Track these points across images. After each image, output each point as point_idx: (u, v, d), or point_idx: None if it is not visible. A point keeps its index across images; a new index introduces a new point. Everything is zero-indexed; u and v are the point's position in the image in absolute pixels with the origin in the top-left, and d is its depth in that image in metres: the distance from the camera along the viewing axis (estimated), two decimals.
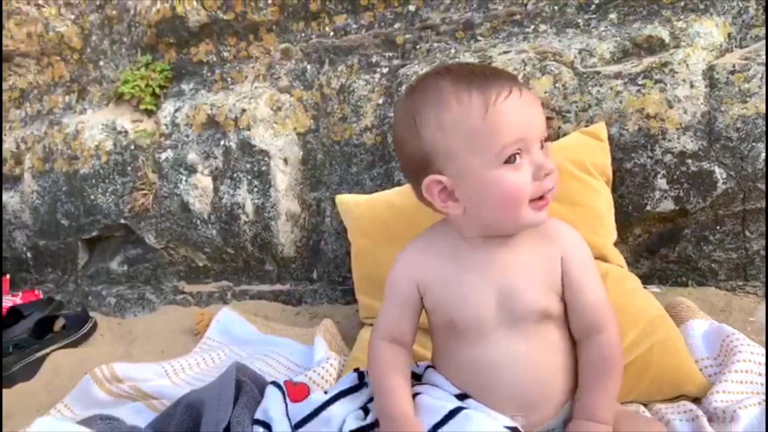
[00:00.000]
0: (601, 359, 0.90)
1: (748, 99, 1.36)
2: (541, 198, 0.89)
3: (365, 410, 0.97)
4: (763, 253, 1.41)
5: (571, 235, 0.97)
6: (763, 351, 1.11)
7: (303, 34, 1.80)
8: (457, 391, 0.93)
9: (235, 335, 1.59)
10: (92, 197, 1.93)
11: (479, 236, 0.94)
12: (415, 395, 0.94)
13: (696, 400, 1.08)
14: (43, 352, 1.63)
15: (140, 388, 1.35)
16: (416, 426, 0.87)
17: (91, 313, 1.86)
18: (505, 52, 1.57)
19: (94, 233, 1.97)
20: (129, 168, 1.90)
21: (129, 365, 1.42)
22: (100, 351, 1.67)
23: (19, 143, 2.11)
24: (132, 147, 1.90)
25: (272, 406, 1.01)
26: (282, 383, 1.07)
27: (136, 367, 1.42)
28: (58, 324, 1.79)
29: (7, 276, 2.08)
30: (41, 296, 1.93)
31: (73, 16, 2.06)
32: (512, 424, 0.85)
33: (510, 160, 0.86)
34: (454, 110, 0.87)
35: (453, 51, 1.65)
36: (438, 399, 0.92)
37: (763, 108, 1.35)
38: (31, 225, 2.07)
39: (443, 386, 0.95)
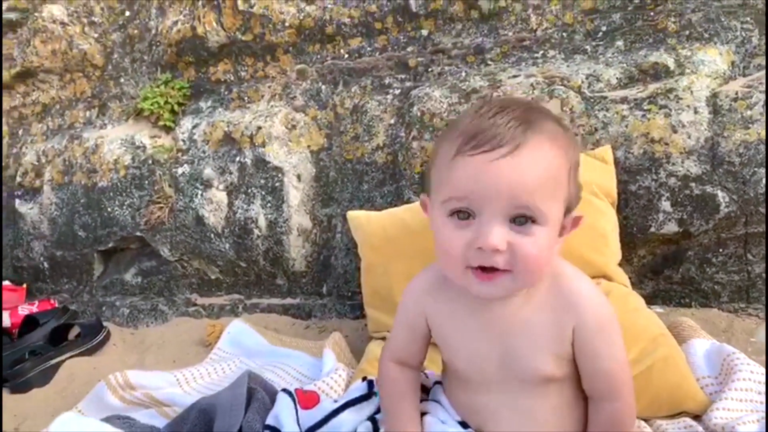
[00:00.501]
0: (611, 426, 0.87)
1: (750, 125, 1.40)
2: (485, 269, 0.80)
3: (373, 421, 1.00)
4: (765, 276, 1.44)
5: (587, 301, 0.86)
6: (763, 371, 1.13)
7: (318, 56, 1.86)
8: (460, 419, 0.94)
9: (246, 347, 1.62)
10: (109, 210, 1.98)
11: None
12: (422, 414, 0.96)
13: (696, 417, 1.11)
14: (59, 359, 1.67)
15: (153, 395, 1.38)
16: None
17: (105, 323, 1.89)
18: (515, 76, 1.61)
19: (110, 245, 2.02)
20: (146, 182, 1.95)
21: (142, 373, 1.45)
22: (114, 359, 1.70)
23: (40, 156, 2.17)
24: (150, 162, 1.96)
25: (283, 412, 1.04)
26: (293, 390, 1.10)
27: (149, 375, 1.45)
28: (73, 332, 1.83)
29: (24, 285, 2.12)
30: (56, 305, 1.97)
31: (96, 35, 2.13)
32: None
33: (458, 216, 0.80)
34: (443, 143, 0.84)
35: (464, 74, 1.70)
36: (443, 423, 0.93)
37: (764, 134, 1.38)
38: (49, 236, 2.12)
39: (448, 410, 0.96)
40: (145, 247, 2.01)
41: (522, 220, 0.78)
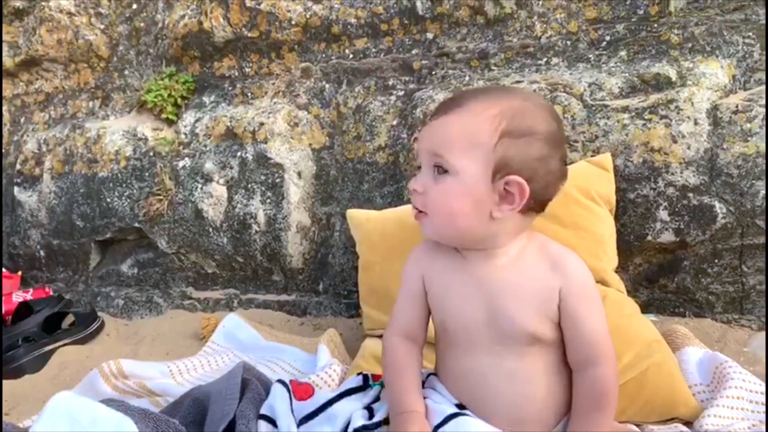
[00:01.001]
0: (595, 393, 0.90)
1: (749, 138, 1.41)
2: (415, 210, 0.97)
3: (369, 410, 1.00)
4: (759, 288, 1.45)
5: (573, 266, 0.95)
6: (755, 379, 1.14)
7: (323, 55, 1.87)
8: (456, 401, 0.96)
9: (240, 341, 1.62)
10: (108, 200, 1.99)
11: None
12: None
13: (688, 423, 1.12)
14: (52, 346, 1.67)
15: (145, 385, 1.38)
16: (426, 426, 0.89)
17: (99, 314, 1.89)
18: (518, 82, 1.63)
19: (108, 235, 2.02)
20: (147, 174, 1.95)
21: (136, 362, 1.45)
22: (107, 349, 1.70)
23: (41, 144, 2.18)
24: (151, 154, 1.96)
25: (278, 402, 1.04)
26: (288, 381, 1.10)
27: (143, 364, 1.45)
28: (67, 321, 1.83)
29: (19, 273, 2.12)
30: (51, 294, 1.96)
31: (102, 26, 2.14)
32: None
33: (418, 169, 0.98)
34: None
35: (467, 78, 1.72)
36: (439, 404, 0.95)
37: (763, 148, 1.40)
38: (47, 224, 2.12)
39: (443, 394, 0.98)
40: (143, 239, 2.01)
41: (440, 170, 0.92)
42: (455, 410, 0.92)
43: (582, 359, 0.92)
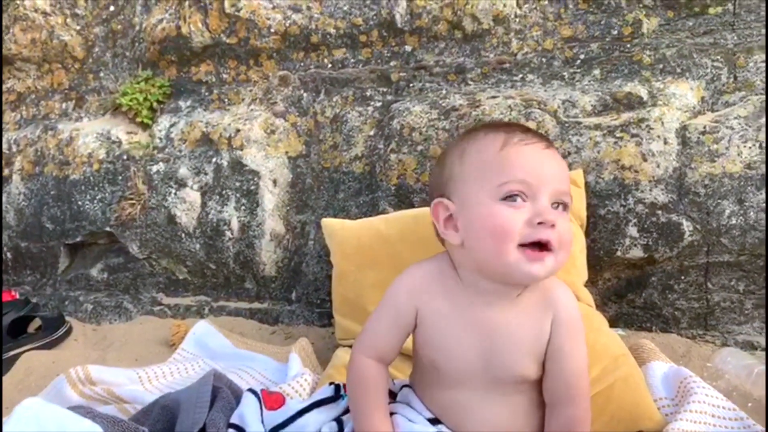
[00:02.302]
0: None
1: (716, 159, 1.45)
2: (535, 247, 0.85)
3: (339, 422, 1.00)
4: (723, 304, 1.49)
5: (566, 300, 0.94)
6: (717, 394, 1.17)
7: (302, 64, 1.87)
8: (430, 416, 0.96)
9: (210, 348, 1.61)
10: (80, 203, 1.96)
11: (475, 277, 0.92)
12: (390, 414, 0.97)
13: None
14: (17, 351, 1.64)
15: (113, 391, 1.36)
16: None
17: (67, 318, 1.86)
18: (494, 97, 1.65)
19: (78, 239, 1.99)
20: (120, 177, 1.93)
21: (104, 368, 1.43)
22: (74, 354, 1.67)
23: (11, 145, 2.14)
24: (124, 157, 1.94)
25: (248, 411, 1.04)
26: (258, 391, 1.10)
27: (111, 370, 1.43)
28: (33, 325, 1.80)
29: None
30: (17, 297, 1.93)
31: (78, 27, 2.11)
32: None
33: (510, 198, 0.86)
34: (478, 142, 0.91)
35: (444, 92, 1.74)
36: (412, 422, 0.95)
37: (730, 168, 1.44)
38: (15, 226, 2.08)
39: (417, 408, 0.98)
40: (114, 243, 1.99)
41: (556, 205, 0.88)
42: (430, 429, 0.93)
43: (557, 397, 0.92)
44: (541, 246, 0.85)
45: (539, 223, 0.84)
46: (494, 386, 0.92)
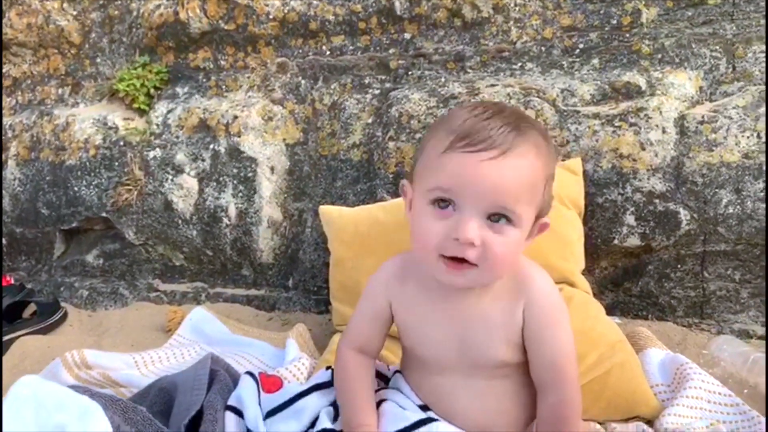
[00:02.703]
0: (558, 419, 0.90)
1: (714, 148, 1.46)
2: (455, 259, 0.84)
3: (336, 407, 1.00)
4: (719, 293, 1.50)
5: (538, 286, 0.92)
6: (714, 380, 1.18)
7: (300, 51, 1.87)
8: (421, 403, 0.96)
9: (207, 334, 1.61)
10: (75, 189, 1.95)
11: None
12: (381, 401, 0.98)
13: (649, 422, 1.15)
14: (12, 335, 1.63)
15: (109, 375, 1.36)
16: None
17: (62, 304, 1.85)
18: (492, 85, 1.65)
19: (74, 224, 1.98)
20: (116, 163, 1.92)
21: (99, 353, 1.43)
22: (69, 340, 1.67)
23: (6, 130, 2.12)
24: (121, 143, 1.93)
25: (246, 394, 1.04)
26: (256, 374, 1.10)
27: (107, 355, 1.43)
28: (28, 311, 1.79)
29: None
30: (12, 282, 1.92)
31: (75, 12, 2.10)
32: None
33: (440, 204, 0.85)
34: (435, 136, 0.88)
35: (443, 80, 1.73)
36: (402, 408, 0.95)
37: (728, 158, 1.45)
38: (9, 212, 2.07)
39: (408, 395, 0.98)
40: (110, 230, 1.98)
41: (497, 218, 0.84)
42: (421, 414, 0.93)
43: (544, 382, 0.91)
44: (462, 260, 0.84)
45: (456, 239, 0.82)
46: (475, 371, 0.93)
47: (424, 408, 0.95)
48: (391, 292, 0.98)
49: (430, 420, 0.91)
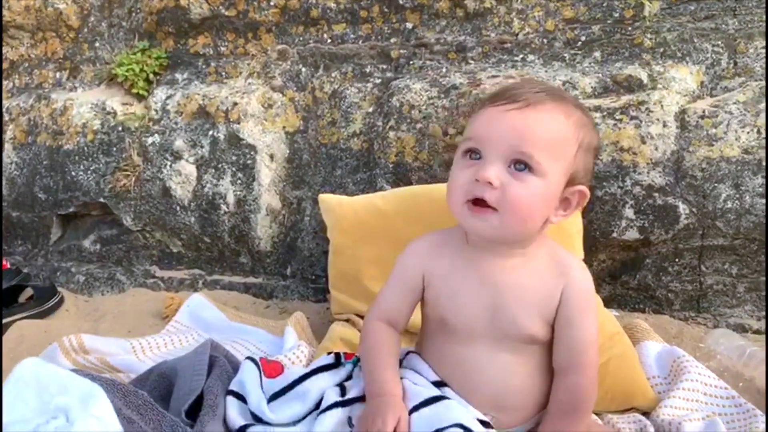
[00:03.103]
0: (572, 399, 0.93)
1: (714, 143, 1.46)
2: (475, 202, 0.90)
3: (342, 388, 1.00)
4: (716, 287, 1.51)
5: (578, 273, 0.96)
6: (710, 373, 1.19)
7: (301, 38, 1.86)
8: (436, 378, 0.97)
9: (204, 321, 1.61)
10: (73, 173, 1.94)
11: (472, 235, 0.97)
12: None
13: (645, 413, 1.16)
14: (8, 319, 1.63)
15: (107, 360, 1.36)
16: (403, 410, 0.89)
17: (59, 289, 1.85)
18: (494, 76, 1.65)
19: (71, 209, 1.97)
20: (114, 149, 1.91)
21: (97, 338, 1.43)
22: (66, 325, 1.66)
23: (3, 113, 2.11)
24: (119, 128, 1.92)
25: (248, 378, 1.04)
26: (258, 359, 1.10)
27: (104, 340, 1.43)
28: (25, 295, 1.78)
29: None
30: (9, 266, 1.91)
31: None
32: (484, 418, 0.90)
33: (470, 156, 0.92)
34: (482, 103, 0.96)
35: (444, 70, 1.73)
36: (417, 385, 0.95)
37: (727, 152, 1.45)
38: (6, 196, 2.06)
39: (423, 372, 0.99)
40: (107, 215, 1.97)
41: (521, 166, 0.88)
42: (435, 391, 0.93)
43: (566, 364, 0.94)
44: (484, 203, 0.88)
45: (477, 181, 0.88)
46: (503, 344, 0.94)
47: (439, 384, 0.96)
48: (427, 264, 1.00)
49: (439, 398, 0.91)
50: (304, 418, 0.97)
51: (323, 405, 0.94)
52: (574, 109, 0.92)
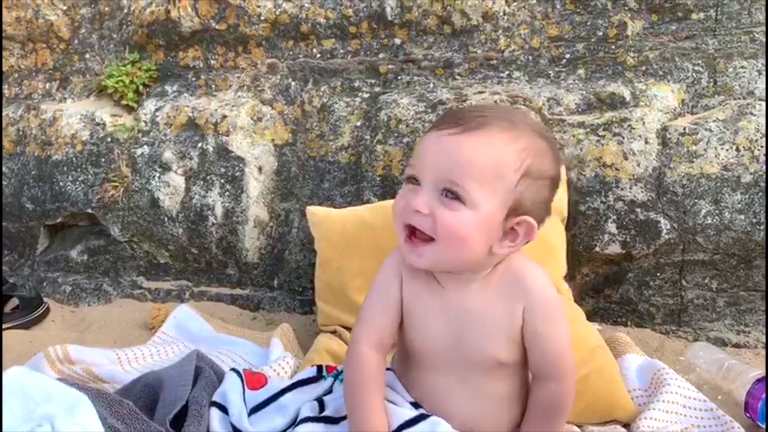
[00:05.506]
0: (551, 407, 0.93)
1: (694, 160, 1.49)
2: (412, 233, 0.88)
3: (320, 402, 1.02)
4: (696, 302, 1.53)
5: (536, 284, 0.92)
6: (689, 386, 1.21)
7: (291, 52, 1.88)
8: (412, 399, 0.96)
9: (191, 332, 1.61)
10: (61, 184, 1.94)
11: None
12: None
13: (626, 425, 1.17)
14: None
15: (92, 371, 1.36)
16: None
17: (44, 300, 1.84)
18: (480, 92, 1.67)
19: (59, 220, 1.97)
20: (103, 159, 1.92)
21: (83, 348, 1.42)
22: (52, 335, 1.66)
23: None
24: (108, 139, 1.93)
25: (230, 390, 1.05)
26: (241, 371, 1.10)
27: (90, 350, 1.43)
28: (10, 305, 1.78)
29: None
30: None
31: (65, 7, 2.09)
32: None
33: (410, 182, 0.89)
34: None
35: (431, 86, 1.76)
36: (396, 405, 0.95)
37: (707, 169, 1.48)
38: None
39: (400, 391, 0.98)
40: (95, 226, 1.97)
41: (450, 194, 0.85)
42: (414, 412, 0.93)
43: (542, 373, 0.93)
44: (421, 233, 0.87)
45: (405, 207, 0.87)
46: (472, 371, 0.93)
47: (416, 405, 0.95)
48: (404, 274, 0.96)
49: (425, 416, 0.91)
50: (284, 431, 0.98)
51: (298, 419, 0.95)
52: (527, 136, 0.87)
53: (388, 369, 1.04)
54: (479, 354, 0.92)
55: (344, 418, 0.95)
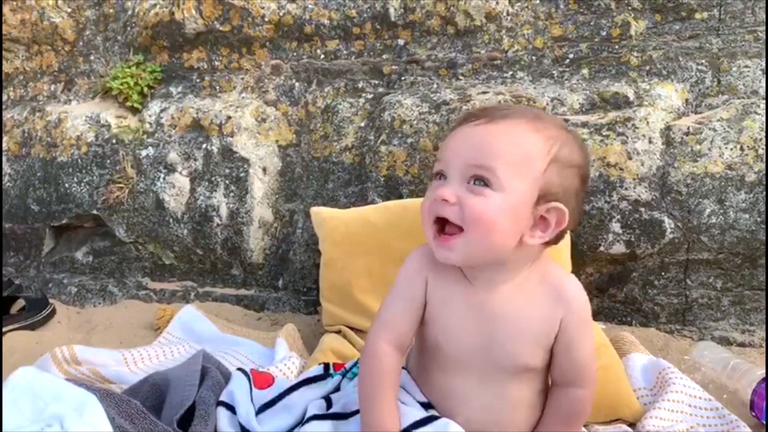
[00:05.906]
0: (572, 412, 0.93)
1: (698, 159, 1.49)
2: (441, 229, 0.87)
3: (327, 400, 1.02)
4: (701, 301, 1.53)
5: (575, 295, 0.92)
6: (695, 385, 1.21)
7: (295, 54, 1.88)
8: (423, 400, 0.96)
9: (196, 333, 1.61)
10: (67, 185, 1.95)
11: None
12: None
13: (631, 424, 1.17)
14: None
15: (99, 371, 1.36)
16: None
17: (50, 301, 1.85)
18: (484, 93, 1.68)
19: (64, 221, 1.98)
20: (108, 161, 1.92)
21: (89, 349, 1.43)
22: (58, 336, 1.67)
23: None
24: (113, 141, 1.94)
25: (238, 390, 1.05)
26: (248, 370, 1.11)
27: (96, 351, 1.44)
28: (16, 306, 1.79)
29: None
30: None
31: (69, 9, 2.10)
32: None
33: (438, 178, 0.89)
34: None
35: (435, 86, 1.76)
36: (405, 404, 0.94)
37: (711, 169, 1.48)
38: None
39: (411, 391, 0.97)
40: (100, 227, 1.98)
41: (478, 182, 0.85)
42: (424, 413, 0.92)
43: (565, 380, 0.93)
44: (445, 225, 0.86)
45: (435, 200, 0.86)
46: (494, 374, 0.91)
47: (426, 406, 0.95)
48: (428, 270, 0.94)
49: (434, 418, 0.90)
50: (291, 429, 0.99)
51: (305, 417, 0.95)
52: (552, 127, 0.88)
53: (402, 368, 1.04)
54: (508, 358, 0.90)
55: (354, 413, 0.95)
